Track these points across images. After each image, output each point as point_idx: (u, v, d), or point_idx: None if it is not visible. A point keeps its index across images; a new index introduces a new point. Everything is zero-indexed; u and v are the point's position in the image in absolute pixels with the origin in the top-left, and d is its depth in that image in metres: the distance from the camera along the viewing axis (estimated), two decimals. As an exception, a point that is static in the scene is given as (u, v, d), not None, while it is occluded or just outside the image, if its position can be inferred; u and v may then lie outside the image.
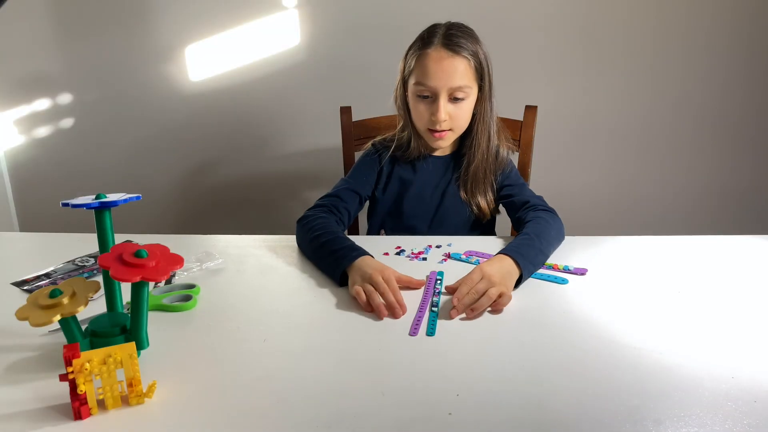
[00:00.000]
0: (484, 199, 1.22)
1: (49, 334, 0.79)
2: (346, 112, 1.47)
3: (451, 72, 1.10)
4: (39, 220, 2.11)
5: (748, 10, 1.76)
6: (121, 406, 0.64)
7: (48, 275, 1.01)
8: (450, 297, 0.88)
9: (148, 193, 2.01)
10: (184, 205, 2.08)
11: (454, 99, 1.12)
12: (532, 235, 1.02)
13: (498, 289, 0.85)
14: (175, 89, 1.91)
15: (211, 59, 1.87)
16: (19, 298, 0.92)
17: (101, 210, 0.77)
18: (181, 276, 0.99)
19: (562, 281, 0.93)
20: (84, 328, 0.73)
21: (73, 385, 0.61)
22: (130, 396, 0.64)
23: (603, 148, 1.92)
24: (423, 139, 1.21)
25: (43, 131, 1.99)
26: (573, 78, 1.85)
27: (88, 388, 0.61)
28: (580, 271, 0.97)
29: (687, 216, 1.98)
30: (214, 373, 0.70)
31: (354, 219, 1.22)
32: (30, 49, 1.90)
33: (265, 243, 1.13)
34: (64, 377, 0.61)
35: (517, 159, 1.44)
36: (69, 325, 0.69)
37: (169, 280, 0.97)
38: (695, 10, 1.76)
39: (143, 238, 1.13)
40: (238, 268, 1.03)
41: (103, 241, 0.78)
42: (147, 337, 0.72)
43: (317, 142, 1.95)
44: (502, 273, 0.89)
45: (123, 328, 0.72)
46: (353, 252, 0.96)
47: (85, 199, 0.78)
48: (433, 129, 1.15)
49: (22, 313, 0.68)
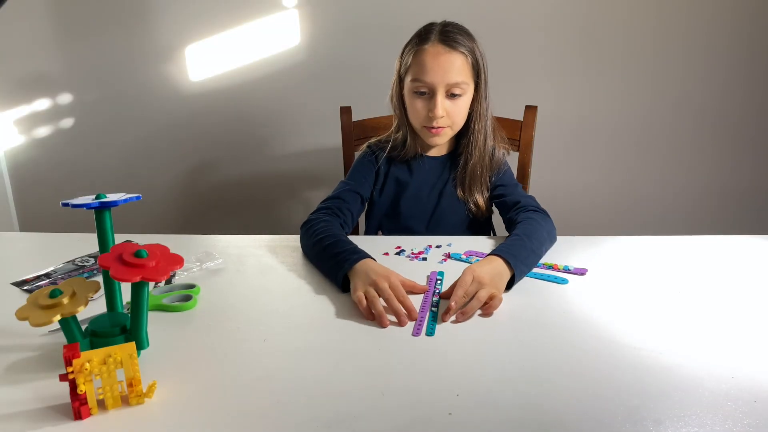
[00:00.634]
0: (480, 197, 1.22)
1: (49, 334, 0.79)
2: (346, 112, 1.47)
3: (448, 67, 1.10)
4: (39, 220, 2.11)
5: (747, 10, 1.76)
6: (121, 406, 0.64)
7: (48, 275, 1.01)
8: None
9: (148, 193, 2.01)
10: (184, 205, 2.08)
11: (451, 95, 1.12)
12: (522, 235, 1.01)
13: (488, 291, 0.84)
14: (175, 89, 1.91)
15: (211, 59, 1.87)
16: (19, 298, 0.92)
17: (101, 210, 0.77)
18: (181, 276, 0.99)
19: (562, 281, 0.93)
20: (84, 328, 0.73)
21: (73, 385, 0.61)
22: (130, 396, 0.64)
23: (603, 148, 1.92)
24: (419, 138, 1.21)
25: (43, 131, 1.99)
26: (573, 78, 1.85)
27: (88, 388, 0.61)
28: (580, 271, 0.97)
29: (687, 216, 1.98)
30: (214, 373, 0.70)
31: (357, 220, 1.22)
32: (30, 49, 1.90)
33: (265, 243, 1.13)
34: (64, 377, 0.61)
35: (517, 159, 1.44)
36: (69, 325, 0.69)
37: (169, 280, 0.97)
38: (695, 10, 1.76)
39: (143, 238, 1.13)
40: (238, 268, 1.03)
41: (103, 241, 0.78)
42: (147, 337, 0.72)
43: (317, 142, 1.95)
44: (492, 274, 0.89)
45: (123, 328, 0.72)
46: (355, 255, 0.94)
47: (85, 199, 0.78)
48: (429, 126, 1.14)
49: (22, 313, 0.68)
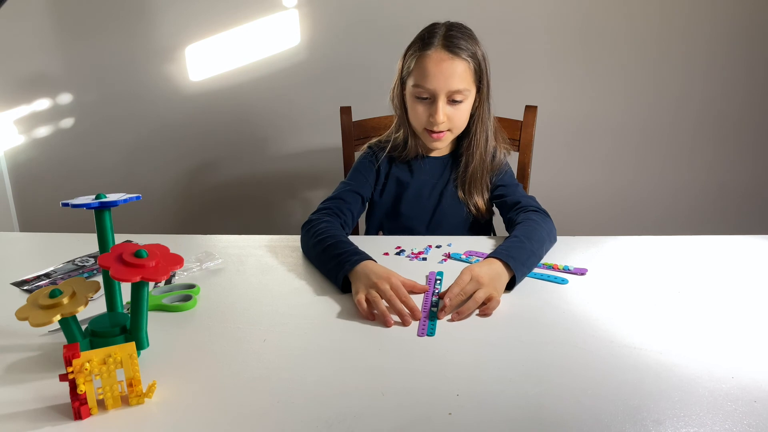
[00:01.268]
0: (481, 199, 1.22)
1: (49, 334, 0.79)
2: (346, 112, 1.47)
3: (450, 74, 1.09)
4: (39, 220, 2.11)
5: (748, 10, 1.76)
6: (121, 406, 0.64)
7: (48, 275, 1.01)
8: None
9: (148, 193, 2.02)
10: (184, 205, 2.08)
11: (452, 101, 1.12)
12: (522, 237, 1.00)
13: (486, 292, 0.85)
14: (175, 89, 1.92)
15: (211, 59, 1.87)
16: (19, 298, 0.92)
17: (101, 210, 0.77)
18: (181, 276, 0.99)
19: (562, 281, 0.93)
20: (84, 328, 0.73)
21: (73, 385, 0.61)
22: (130, 396, 0.64)
23: (603, 148, 1.92)
24: (420, 139, 1.21)
25: (43, 131, 1.99)
26: (573, 78, 1.85)
27: (88, 388, 0.61)
28: (580, 271, 0.97)
29: (687, 216, 1.98)
30: (214, 373, 0.70)
31: (357, 220, 1.22)
32: (30, 49, 1.90)
33: (265, 243, 1.13)
34: (64, 377, 0.61)
35: (517, 159, 1.44)
36: (69, 325, 0.69)
37: (169, 280, 0.97)
38: (696, 10, 1.76)
39: (143, 238, 1.13)
40: (238, 268, 1.03)
41: (103, 241, 0.78)
42: (147, 337, 0.72)
43: (317, 142, 1.95)
44: (491, 275, 0.88)
45: (123, 328, 0.72)
46: (355, 256, 0.93)
47: (85, 199, 0.78)
48: (430, 130, 1.15)
49: (22, 313, 0.68)
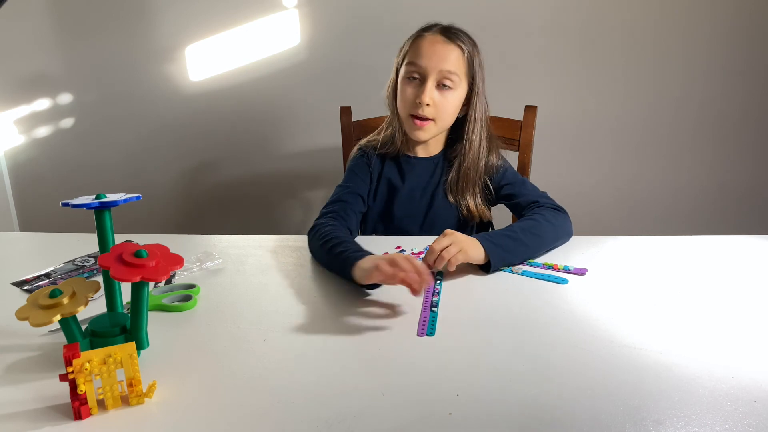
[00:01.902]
0: (473, 200, 1.21)
1: (49, 334, 0.79)
2: (346, 112, 1.47)
3: (444, 55, 1.11)
4: (39, 220, 2.11)
5: (748, 10, 1.76)
6: (121, 406, 0.64)
7: (48, 275, 1.01)
8: (449, 297, 0.89)
9: (148, 193, 2.02)
10: (184, 205, 2.08)
11: (442, 86, 1.12)
12: (515, 228, 1.03)
13: (457, 247, 0.93)
14: (175, 89, 1.92)
15: (211, 59, 1.87)
16: (19, 298, 0.92)
17: (101, 210, 0.77)
18: (181, 276, 0.99)
19: (562, 281, 0.93)
20: (84, 328, 0.73)
21: (73, 385, 0.61)
22: (130, 396, 0.64)
23: (603, 148, 1.92)
24: (406, 136, 1.19)
25: (43, 131, 1.99)
26: (573, 78, 1.85)
27: (88, 388, 0.61)
28: (580, 271, 0.97)
29: (687, 216, 1.98)
30: (214, 373, 0.70)
31: (359, 220, 1.21)
32: (30, 49, 1.90)
33: (265, 243, 1.13)
34: (64, 377, 0.61)
35: (517, 159, 1.44)
36: (69, 325, 0.69)
37: (169, 280, 0.97)
38: (695, 10, 1.77)
39: (143, 238, 1.13)
40: (238, 268, 1.03)
41: (103, 241, 0.78)
42: (147, 337, 0.72)
43: (317, 142, 1.95)
44: (465, 238, 0.95)
45: (123, 328, 0.72)
46: (359, 253, 0.93)
47: (85, 199, 0.78)
48: (415, 115, 1.14)
49: (22, 313, 0.68)
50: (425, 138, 1.19)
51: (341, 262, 0.94)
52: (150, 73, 1.90)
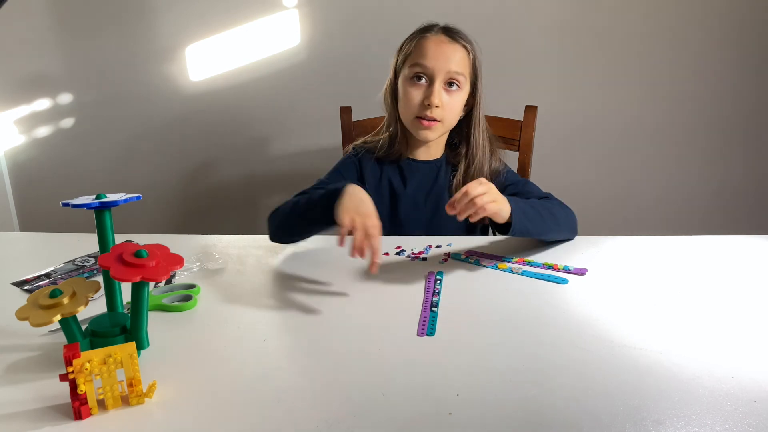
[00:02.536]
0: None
1: (49, 334, 0.79)
2: (346, 112, 1.47)
3: (451, 56, 1.11)
4: (39, 220, 2.11)
5: (749, 10, 1.76)
6: (121, 406, 0.64)
7: (48, 275, 1.01)
8: (449, 297, 0.88)
9: (148, 193, 2.02)
10: (184, 205, 2.08)
11: (449, 85, 1.12)
12: (532, 200, 1.04)
13: (491, 197, 0.92)
14: (175, 89, 1.92)
15: (211, 59, 1.87)
16: (19, 298, 0.92)
17: (101, 210, 0.77)
18: (181, 276, 0.99)
19: (562, 281, 0.93)
20: (84, 328, 0.73)
21: (73, 385, 0.61)
22: (130, 396, 0.64)
23: (603, 148, 1.93)
24: (409, 136, 1.18)
25: (43, 131, 1.99)
26: (573, 78, 1.85)
27: (88, 388, 0.61)
28: (580, 271, 0.97)
29: (687, 216, 1.98)
30: (214, 373, 0.70)
31: None
32: (30, 49, 1.90)
33: (264, 243, 1.13)
34: (64, 377, 0.61)
35: (517, 159, 1.44)
36: (69, 325, 0.69)
37: (169, 280, 0.97)
38: (695, 10, 1.77)
39: (143, 238, 1.13)
40: (238, 268, 1.03)
41: (103, 241, 0.78)
42: (147, 337, 0.72)
43: (317, 142, 1.95)
44: (500, 194, 0.94)
45: (123, 328, 0.72)
46: (338, 185, 0.96)
47: (85, 199, 0.78)
48: (422, 116, 1.13)
49: (22, 313, 0.68)
50: (433, 138, 1.17)
51: (319, 212, 0.96)
52: (150, 73, 1.90)
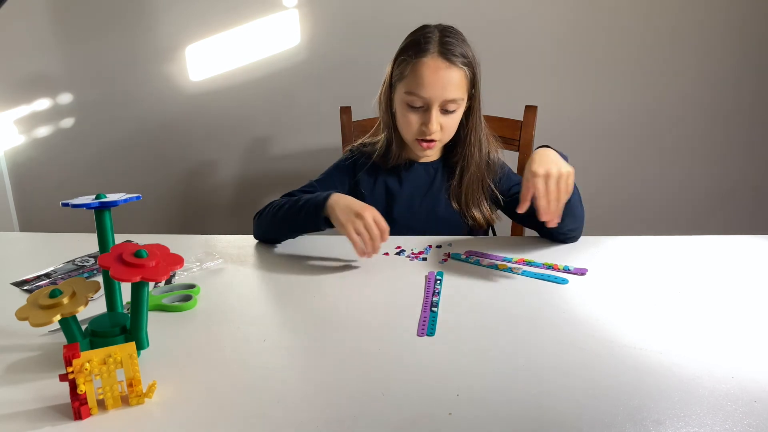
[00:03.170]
0: (479, 212, 1.19)
1: (49, 334, 0.79)
2: (346, 112, 1.47)
3: (447, 83, 1.07)
4: (39, 220, 2.11)
5: (748, 10, 1.76)
6: (121, 406, 0.64)
7: (48, 275, 1.01)
8: (449, 297, 0.88)
9: (148, 193, 2.02)
10: (184, 205, 2.08)
11: (445, 110, 1.10)
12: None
13: (564, 179, 0.92)
14: (175, 89, 1.92)
15: (211, 59, 1.87)
16: (19, 298, 0.92)
17: (101, 210, 0.77)
18: (181, 276, 0.99)
19: (562, 281, 0.93)
20: (84, 328, 0.73)
21: (73, 385, 0.61)
22: (130, 396, 0.64)
23: (603, 148, 1.93)
24: (407, 147, 1.19)
25: (43, 131, 1.99)
26: (573, 78, 1.85)
27: (88, 388, 0.61)
28: (580, 271, 0.97)
29: (687, 216, 1.98)
30: (214, 373, 0.70)
31: None
32: (30, 49, 1.90)
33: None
34: (64, 377, 0.61)
35: (517, 159, 1.44)
36: (69, 325, 0.69)
37: (169, 280, 0.97)
38: (695, 10, 1.77)
39: (143, 238, 1.13)
40: (238, 268, 1.03)
41: (103, 241, 0.78)
42: (147, 337, 0.72)
43: (317, 142, 1.95)
44: (553, 161, 0.94)
45: (123, 328, 0.72)
46: (323, 194, 1.01)
47: (85, 199, 0.78)
48: (422, 139, 1.13)
49: (22, 313, 0.68)
50: (432, 154, 1.19)
51: (305, 217, 1.02)
52: (150, 73, 1.90)
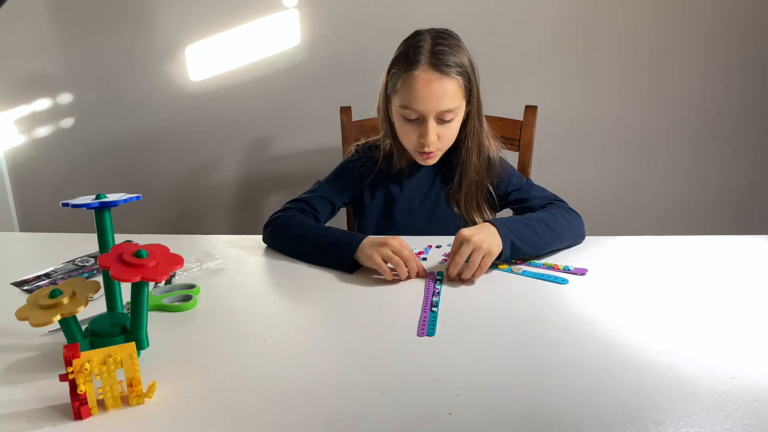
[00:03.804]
0: (479, 216, 1.19)
1: (49, 334, 0.79)
2: (346, 112, 1.47)
3: (440, 95, 1.05)
4: (39, 220, 2.11)
5: (747, 11, 1.76)
6: (121, 406, 0.64)
7: (48, 275, 1.01)
8: (449, 297, 0.89)
9: (148, 193, 2.02)
10: (184, 205, 2.08)
11: (442, 120, 1.08)
12: (531, 217, 1.03)
13: (480, 253, 0.91)
14: (175, 89, 1.91)
15: (211, 59, 1.87)
16: (19, 298, 0.92)
17: (101, 210, 0.77)
18: (181, 276, 0.99)
19: (562, 281, 0.93)
20: (84, 328, 0.73)
21: (73, 385, 0.61)
22: (130, 396, 0.64)
23: (602, 148, 1.92)
24: (408, 153, 1.18)
25: (43, 131, 1.99)
26: (573, 78, 1.85)
27: (88, 388, 0.61)
28: (580, 271, 0.97)
29: (687, 216, 1.98)
30: (214, 373, 0.70)
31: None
32: (30, 49, 1.90)
33: (265, 243, 1.13)
34: (64, 377, 0.61)
35: (517, 159, 1.44)
36: (69, 325, 0.69)
37: (169, 280, 0.97)
38: (695, 10, 1.77)
39: (143, 238, 1.13)
40: (238, 268, 1.03)
41: (103, 241, 0.78)
42: (147, 337, 0.72)
43: (317, 142, 1.95)
44: (482, 235, 0.93)
45: (123, 328, 0.72)
46: (354, 237, 0.98)
47: (85, 199, 0.78)
48: (421, 150, 1.12)
49: (22, 313, 0.68)
50: (434, 162, 1.18)
51: (333, 254, 0.98)
52: (150, 73, 1.90)
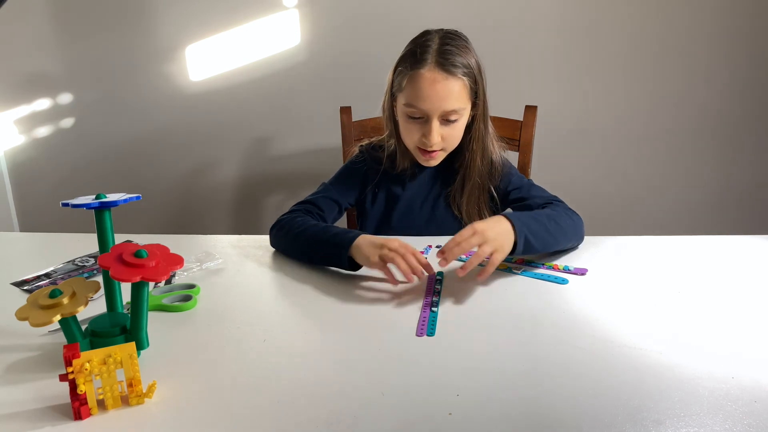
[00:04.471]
0: (478, 218, 1.18)
1: (49, 334, 0.79)
2: (346, 112, 1.47)
3: (445, 95, 1.04)
4: (39, 220, 2.11)
5: (748, 11, 1.76)
6: (121, 406, 0.64)
7: (48, 275, 1.01)
8: (449, 297, 0.88)
9: (148, 193, 2.02)
10: (184, 205, 2.08)
11: (446, 121, 1.08)
12: (539, 212, 1.00)
13: (491, 246, 0.86)
14: (175, 89, 1.92)
15: (211, 59, 1.87)
16: (19, 298, 0.92)
17: (101, 210, 0.77)
18: (181, 276, 0.99)
19: (562, 281, 0.93)
20: (84, 328, 0.73)
21: (73, 385, 0.61)
22: (130, 396, 0.64)
23: (603, 148, 1.92)
24: (411, 154, 1.18)
25: (43, 131, 1.99)
26: (573, 78, 1.85)
27: (88, 388, 0.61)
28: (580, 271, 0.97)
29: (687, 216, 1.98)
30: (214, 373, 0.70)
31: None
32: (30, 49, 1.90)
33: (264, 243, 1.13)
34: (64, 377, 0.61)
35: (517, 159, 1.44)
36: (69, 325, 0.69)
37: (169, 280, 0.97)
38: (695, 10, 1.77)
39: (143, 238, 1.13)
40: (238, 268, 1.03)
41: (103, 241, 0.78)
42: (147, 337, 0.72)
43: (317, 142, 1.95)
44: (496, 230, 0.89)
45: (123, 328, 0.72)
46: (349, 234, 0.96)
47: (85, 199, 0.78)
48: (423, 149, 1.11)
49: (22, 313, 0.68)
50: (437, 164, 1.16)
51: (329, 252, 0.97)
52: (150, 73, 1.90)
